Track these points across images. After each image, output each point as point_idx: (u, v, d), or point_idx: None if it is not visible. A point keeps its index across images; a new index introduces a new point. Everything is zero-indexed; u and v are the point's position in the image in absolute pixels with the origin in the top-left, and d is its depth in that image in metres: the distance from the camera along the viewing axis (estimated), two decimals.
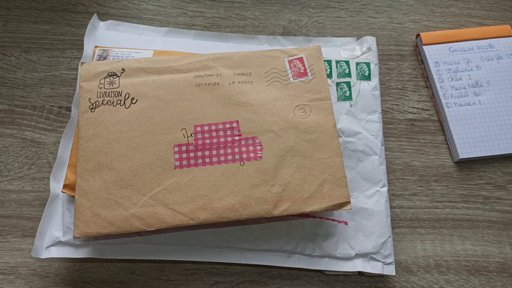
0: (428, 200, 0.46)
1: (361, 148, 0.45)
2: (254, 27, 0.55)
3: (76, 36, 0.53)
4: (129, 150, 0.39)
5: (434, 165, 0.48)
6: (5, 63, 0.51)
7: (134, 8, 0.55)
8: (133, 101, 0.41)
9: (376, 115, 0.47)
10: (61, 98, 0.50)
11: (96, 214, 0.37)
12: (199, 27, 0.54)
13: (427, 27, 0.56)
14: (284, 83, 0.43)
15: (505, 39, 0.53)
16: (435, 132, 0.50)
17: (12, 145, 0.47)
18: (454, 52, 0.52)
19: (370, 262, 0.41)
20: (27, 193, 0.45)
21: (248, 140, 0.40)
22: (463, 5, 0.57)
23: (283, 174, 0.39)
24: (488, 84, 0.50)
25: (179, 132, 0.40)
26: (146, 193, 0.38)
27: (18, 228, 0.44)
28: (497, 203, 0.46)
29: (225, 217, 0.37)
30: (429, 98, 0.51)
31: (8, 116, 0.49)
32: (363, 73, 0.49)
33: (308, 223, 0.42)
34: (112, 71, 0.42)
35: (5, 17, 0.54)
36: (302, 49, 0.44)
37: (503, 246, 0.44)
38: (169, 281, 0.42)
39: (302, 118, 0.41)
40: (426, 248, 0.44)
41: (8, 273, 0.42)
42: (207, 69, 0.43)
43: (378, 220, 0.42)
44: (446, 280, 0.43)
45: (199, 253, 0.41)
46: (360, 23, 0.56)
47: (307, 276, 0.43)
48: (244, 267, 0.43)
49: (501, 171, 0.48)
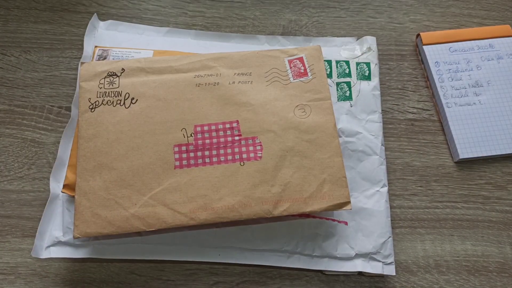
0: (428, 200, 0.46)
1: (361, 148, 0.45)
2: (254, 27, 0.55)
3: (76, 36, 0.53)
4: (129, 150, 0.39)
5: (434, 165, 0.48)
6: (5, 63, 0.51)
7: (134, 8, 0.55)
8: (133, 101, 0.41)
9: (376, 115, 0.47)
10: (61, 98, 0.50)
11: (96, 214, 0.37)
12: (199, 27, 0.54)
13: (427, 27, 0.56)
14: (284, 83, 0.43)
15: (505, 39, 0.53)
16: (435, 132, 0.50)
17: (12, 145, 0.47)
18: (454, 52, 0.52)
19: (370, 262, 0.41)
20: (27, 193, 0.45)
21: (248, 140, 0.40)
22: (463, 5, 0.57)
23: (283, 174, 0.39)
24: (488, 84, 0.50)
25: (179, 132, 0.40)
26: (146, 193, 0.38)
27: (18, 228, 0.44)
28: (497, 203, 0.46)
29: (225, 217, 0.37)
30: (429, 98, 0.51)
31: (8, 116, 0.49)
32: (363, 73, 0.49)
33: (308, 223, 0.42)
34: (112, 71, 0.42)
35: (5, 17, 0.54)
36: (302, 49, 0.44)
37: (503, 246, 0.44)
38: (169, 281, 0.42)
39: (302, 118, 0.41)
40: (426, 248, 0.44)
41: (8, 273, 0.42)
42: (207, 69, 0.43)
43: (378, 220, 0.42)
44: (446, 280, 0.43)
45: (199, 253, 0.41)
46: (360, 23, 0.56)
47: (307, 276, 0.42)
48: (244, 267, 0.43)
49: (501, 171, 0.48)
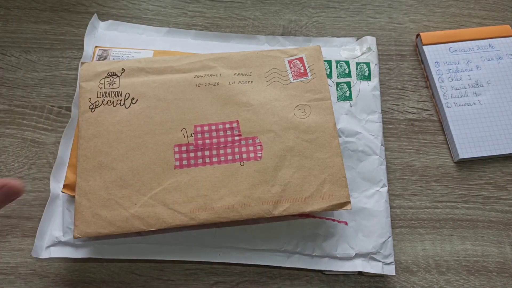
0: (428, 200, 0.46)
1: (361, 148, 0.45)
2: (254, 27, 0.55)
3: (76, 36, 0.53)
4: (129, 150, 0.39)
5: (434, 165, 0.48)
6: (5, 63, 0.51)
7: (134, 8, 0.55)
8: (133, 101, 0.41)
9: (376, 115, 0.47)
10: (61, 98, 0.50)
11: (96, 214, 0.37)
12: (199, 27, 0.54)
13: (427, 27, 0.56)
14: (284, 83, 0.43)
15: (505, 39, 0.53)
16: (435, 132, 0.50)
17: (12, 145, 0.47)
18: (454, 52, 0.52)
19: (370, 262, 0.41)
20: (27, 193, 0.45)
21: (248, 140, 0.40)
22: (463, 5, 0.57)
23: (283, 174, 0.39)
24: (488, 84, 0.50)
25: (179, 132, 0.40)
26: (146, 193, 0.38)
27: (18, 228, 0.44)
28: (497, 203, 0.46)
29: (225, 217, 0.37)
30: (429, 98, 0.51)
31: (8, 116, 0.49)
32: (363, 73, 0.49)
33: (308, 223, 0.42)
34: (112, 71, 0.42)
35: (5, 17, 0.54)
36: (302, 49, 0.44)
37: (503, 246, 0.44)
38: (169, 281, 0.42)
39: (302, 118, 0.41)
40: (426, 248, 0.44)
41: (8, 273, 0.42)
42: (207, 69, 0.43)
43: (378, 220, 0.42)
44: (446, 280, 0.43)
45: (199, 253, 0.41)
46: (360, 23, 0.56)
47: (307, 276, 0.42)
48: (244, 267, 0.43)
49: (501, 171, 0.48)
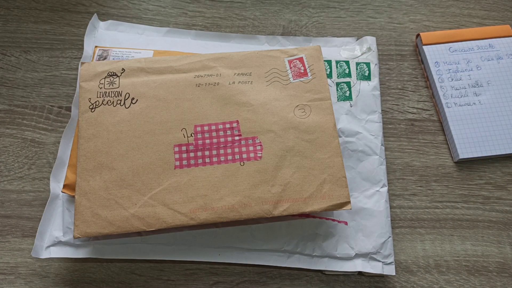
0: (428, 200, 0.46)
1: (361, 148, 0.45)
2: (254, 27, 0.55)
3: (76, 36, 0.53)
4: (129, 150, 0.39)
5: (434, 165, 0.48)
6: (5, 63, 0.51)
7: (134, 8, 0.55)
8: (133, 101, 0.41)
9: (376, 115, 0.47)
10: (61, 98, 0.50)
11: (96, 214, 0.37)
12: (199, 27, 0.54)
13: (427, 27, 0.56)
14: (284, 83, 0.43)
15: (505, 39, 0.53)
16: (435, 132, 0.50)
17: (12, 145, 0.47)
18: (454, 52, 0.52)
19: (370, 262, 0.41)
20: (27, 193, 0.45)
21: (248, 140, 0.40)
22: (463, 5, 0.57)
23: (283, 174, 0.39)
24: (488, 84, 0.50)
25: (179, 132, 0.40)
26: (146, 193, 0.38)
27: (18, 228, 0.44)
28: (497, 203, 0.46)
29: (225, 217, 0.37)
30: (429, 98, 0.51)
31: (8, 116, 0.49)
32: (363, 73, 0.49)
33: (308, 223, 0.42)
34: (112, 71, 0.42)
35: (5, 17, 0.54)
36: (302, 49, 0.44)
37: (503, 246, 0.44)
38: (169, 281, 0.42)
39: (302, 118, 0.41)
40: (426, 248, 0.44)
41: (8, 273, 0.42)
42: (207, 69, 0.43)
43: (378, 220, 0.42)
44: (446, 280, 0.43)
45: (199, 253, 0.41)
46: (360, 23, 0.56)
47: (307, 276, 0.43)
48: (244, 267, 0.43)
49: (501, 171, 0.48)
